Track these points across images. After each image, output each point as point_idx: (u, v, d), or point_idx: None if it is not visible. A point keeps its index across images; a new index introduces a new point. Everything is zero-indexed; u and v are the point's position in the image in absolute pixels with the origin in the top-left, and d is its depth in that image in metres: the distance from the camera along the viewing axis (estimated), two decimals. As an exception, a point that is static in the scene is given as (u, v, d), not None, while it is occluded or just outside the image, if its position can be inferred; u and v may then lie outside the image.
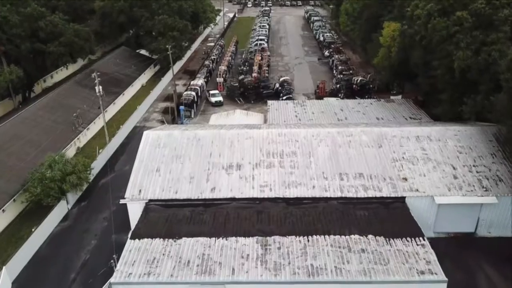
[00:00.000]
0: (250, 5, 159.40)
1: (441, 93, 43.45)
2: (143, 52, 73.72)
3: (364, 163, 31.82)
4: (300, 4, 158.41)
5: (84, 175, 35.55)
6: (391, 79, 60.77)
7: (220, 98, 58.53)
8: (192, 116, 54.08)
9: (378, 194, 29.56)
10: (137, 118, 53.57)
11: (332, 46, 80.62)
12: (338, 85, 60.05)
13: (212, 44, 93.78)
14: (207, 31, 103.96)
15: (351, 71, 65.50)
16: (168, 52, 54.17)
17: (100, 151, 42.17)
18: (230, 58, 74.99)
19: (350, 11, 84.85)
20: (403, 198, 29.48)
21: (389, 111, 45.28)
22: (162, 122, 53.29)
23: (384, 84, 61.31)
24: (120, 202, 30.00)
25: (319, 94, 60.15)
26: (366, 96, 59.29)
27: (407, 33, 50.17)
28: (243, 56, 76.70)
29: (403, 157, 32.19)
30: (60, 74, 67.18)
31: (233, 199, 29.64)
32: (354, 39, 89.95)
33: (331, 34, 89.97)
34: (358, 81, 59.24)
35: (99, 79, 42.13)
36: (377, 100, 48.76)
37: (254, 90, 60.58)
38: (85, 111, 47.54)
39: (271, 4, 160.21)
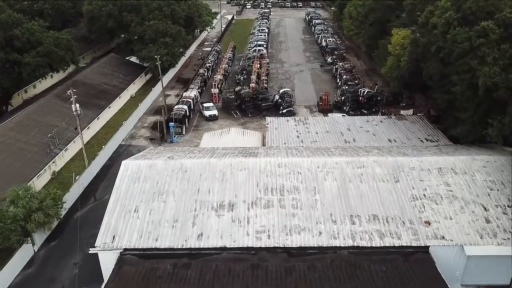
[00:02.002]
0: (249, 7, 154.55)
1: (460, 111, 38.70)
2: (133, 59, 68.84)
3: (378, 202, 27.05)
4: (301, 5, 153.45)
5: (53, 210, 30.81)
6: (401, 91, 56.09)
7: (215, 112, 53.75)
8: (183, 133, 49.32)
9: (396, 243, 24.80)
10: (123, 135, 48.77)
11: (336, 52, 75.81)
12: (343, 97, 55.28)
13: (209, 49, 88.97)
14: (204, 34, 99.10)
15: (356, 81, 60.75)
16: (157, 63, 49.30)
17: (77, 177, 37.39)
18: (226, 65, 70.21)
19: (354, 14, 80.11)
20: (427, 247, 24.72)
21: (401, 131, 40.49)
22: (151, 139, 48.50)
23: (392, 95, 56.55)
24: (90, 251, 25.21)
25: (322, 107, 55.40)
26: (374, 109, 54.77)
27: (420, 43, 45.43)
28: (241, 64, 71.93)
29: (424, 195, 27.42)
30: (44, 83, 62.43)
31: (223, 249, 24.86)
32: (358, 44, 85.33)
33: (334, 39, 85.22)
34: (365, 93, 54.53)
35: (74, 96, 37.28)
36: (387, 118, 43.96)
37: (252, 102, 55.85)
38: (63, 129, 42.76)
39: (270, 6, 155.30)
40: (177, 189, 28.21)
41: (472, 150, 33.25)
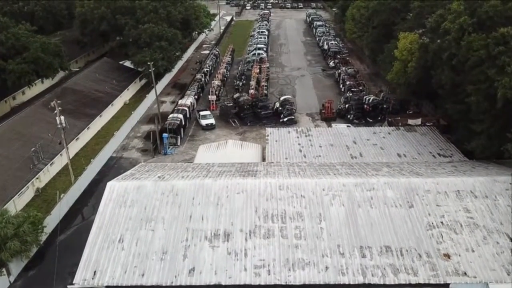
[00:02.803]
0: (249, 7, 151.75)
1: (474, 123, 35.92)
2: (128, 64, 66.02)
3: (391, 230, 24.28)
4: (301, 6, 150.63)
5: (32, 236, 28.00)
6: (407, 98, 53.32)
7: (212, 121, 50.93)
8: (178, 143, 46.49)
9: (413, 280, 22.02)
10: (114, 146, 45.93)
11: (338, 56, 72.97)
12: (346, 105, 52.45)
13: (207, 52, 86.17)
14: (202, 37, 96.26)
15: (361, 88, 57.91)
16: (150, 70, 46.51)
17: (61, 195, 34.59)
18: (225, 70, 67.40)
19: (357, 16, 77.32)
20: (447, 285, 21.96)
21: (411, 144, 37.70)
22: (144, 150, 45.69)
23: (398, 103, 53.73)
24: (68, 289, 22.45)
25: (325, 115, 52.56)
26: (379, 118, 51.97)
27: (430, 48, 42.75)
28: (240, 68, 69.09)
29: (441, 222, 24.64)
30: (34, 89, 59.57)
31: (218, 286, 22.09)
32: (361, 47, 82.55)
33: (336, 42, 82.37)
34: (370, 100, 51.73)
35: (59, 108, 34.47)
36: (395, 129, 41.14)
37: (251, 110, 53.03)
38: (49, 141, 39.91)
39: (270, 7, 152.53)
40: (167, 215, 25.45)
41: (491, 169, 30.46)
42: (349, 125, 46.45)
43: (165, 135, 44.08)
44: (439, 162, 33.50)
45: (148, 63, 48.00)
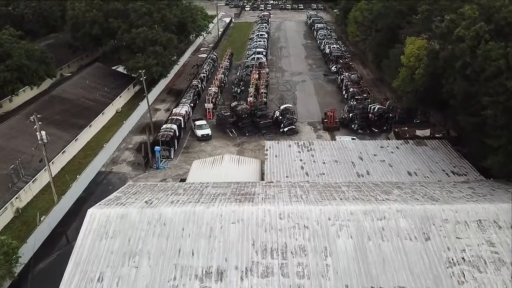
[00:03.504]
0: (248, 9, 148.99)
1: (491, 138, 33.09)
2: (121, 69, 63.22)
3: (406, 268, 21.43)
4: (302, 7, 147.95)
5: (5, 269, 25.18)
6: (415, 106, 50.50)
7: (208, 131, 48.11)
8: (172, 156, 43.69)
9: (433, 329, 19.21)
10: (104, 160, 43.14)
11: (341, 61, 70.13)
12: (350, 114, 49.63)
13: (204, 55, 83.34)
14: (200, 40, 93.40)
15: (365, 95, 55.08)
16: (142, 78, 43.68)
17: (42, 218, 31.78)
18: (222, 75, 64.59)
19: (360, 19, 74.67)
20: (472, 336, 19.14)
21: (422, 160, 34.86)
22: (134, 164, 42.85)
23: (405, 111, 50.89)
24: None
25: (328, 125, 49.79)
26: (385, 127, 49.21)
27: (440, 56, 39.95)
28: (238, 74, 66.24)
29: (463, 258, 21.80)
30: (22, 96, 56.65)
31: (209, 337, 19.28)
32: (364, 50, 79.78)
33: (338, 46, 79.51)
34: (376, 109, 48.92)
35: (39, 123, 31.64)
36: (404, 143, 38.30)
37: (250, 120, 50.25)
38: (32, 156, 37.09)
39: (270, 8, 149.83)
40: (154, 249, 22.59)
41: (513, 191, 27.59)
42: (354, 137, 43.64)
43: (157, 148, 41.28)
44: (454, 182, 30.63)
45: (140, 71, 45.05)
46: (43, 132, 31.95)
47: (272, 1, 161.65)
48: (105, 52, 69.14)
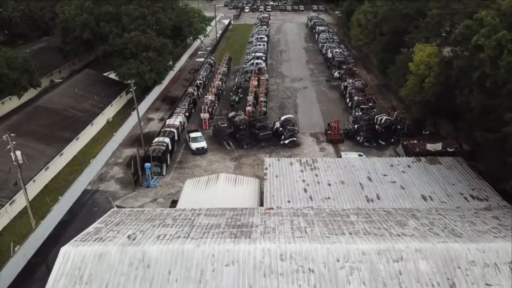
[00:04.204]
0: (247, 10, 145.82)
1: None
2: (113, 75, 60.07)
3: (429, 323, 18.33)
4: (302, 9, 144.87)
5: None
6: (424, 117, 47.40)
7: (203, 144, 44.97)
8: (164, 173, 40.52)
9: None
10: (90, 176, 39.96)
11: (344, 66, 66.96)
12: (356, 126, 46.48)
13: (202, 59, 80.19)
14: (197, 43, 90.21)
15: (370, 104, 51.89)
16: (131, 89, 40.57)
17: (17, 248, 28.63)
18: (220, 82, 61.43)
19: (363, 22, 71.52)
20: None
21: (437, 181, 31.73)
22: (124, 181, 39.66)
23: (413, 121, 47.73)
24: None
25: (332, 138, 46.66)
26: (392, 140, 46.09)
27: (455, 65, 36.85)
28: (236, 80, 63.11)
29: (495, 311, 18.71)
30: (8, 104, 53.51)
31: None
32: (367, 54, 76.75)
33: (340, 50, 76.29)
34: (383, 121, 45.75)
35: (13, 143, 28.48)
36: (416, 160, 35.15)
37: (248, 131, 47.13)
38: (9, 172, 33.92)
39: (270, 9, 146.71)
40: (135, 298, 19.49)
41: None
42: (361, 154, 40.46)
43: (147, 165, 38.10)
44: (475, 210, 27.47)
45: (130, 81, 41.90)
46: (18, 152, 28.79)
47: (272, 2, 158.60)
48: (96, 57, 65.98)
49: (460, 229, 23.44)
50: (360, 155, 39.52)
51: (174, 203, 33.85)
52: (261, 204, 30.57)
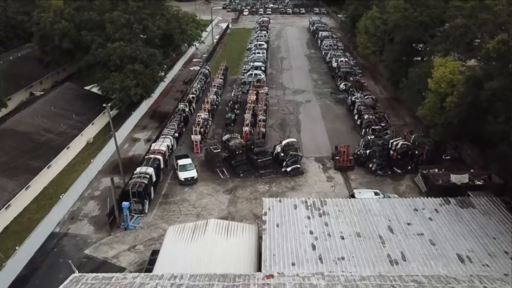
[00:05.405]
0: (247, 13, 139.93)
1: None
2: (95, 89, 54.32)
3: None
4: (303, 12, 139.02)
5: None
6: (445, 140, 41.77)
7: (193, 173, 39.23)
8: (146, 210, 34.79)
9: None
10: (60, 215, 34.22)
11: (351, 78, 61.22)
12: (367, 151, 40.79)
13: (197, 68, 74.50)
14: (192, 49, 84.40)
15: (383, 124, 46.15)
16: (108, 114, 34.87)
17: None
18: (214, 96, 55.72)
19: (371, 29, 65.89)
20: None
21: (473, 233, 26.01)
22: (99, 221, 33.88)
23: (432, 144, 42.03)
24: None
25: (341, 164, 40.99)
26: (409, 167, 40.48)
27: (488, 86, 31.18)
28: (233, 94, 57.34)
29: None
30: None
31: None
32: (375, 64, 71.11)
33: (346, 59, 70.54)
34: (399, 146, 40.06)
35: None
36: (444, 202, 29.34)
37: (245, 156, 41.51)
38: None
39: (270, 12, 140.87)
40: None
41: None
42: (377, 191, 34.63)
43: (125, 204, 32.32)
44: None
45: (104, 105, 36.12)
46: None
47: (272, 5, 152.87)
48: (79, 69, 60.30)
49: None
50: (376, 194, 33.75)
51: (154, 255, 28.15)
52: (259, 265, 24.82)
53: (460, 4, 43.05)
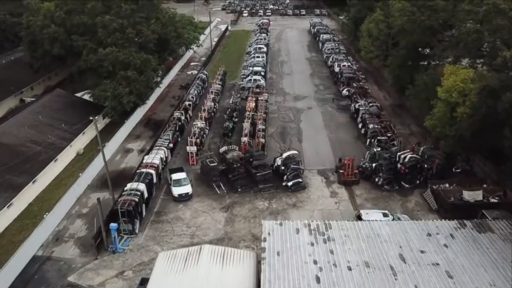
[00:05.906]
0: (246, 14, 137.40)
1: None
2: (87, 96, 51.92)
3: None
4: (304, 13, 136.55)
5: None
6: (456, 152, 39.40)
7: (187, 189, 36.84)
8: (137, 231, 32.36)
9: None
10: (44, 236, 31.79)
11: (354, 84, 58.82)
12: (373, 164, 38.39)
13: (195, 72, 72.13)
14: (190, 53, 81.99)
15: (389, 134, 43.75)
16: (96, 130, 32.52)
17: None
18: (212, 103, 53.29)
19: (375, 33, 63.49)
20: None
21: (493, 263, 23.53)
22: (86, 243, 31.45)
23: (442, 156, 39.63)
24: None
25: (345, 179, 38.58)
26: (418, 181, 38.11)
27: (506, 98, 28.85)
28: (231, 101, 54.91)
29: None
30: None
31: None
32: (379, 68, 68.68)
33: (349, 64, 68.14)
34: (406, 159, 37.66)
35: None
36: (460, 226, 26.88)
37: (244, 169, 39.10)
38: None
39: (270, 13, 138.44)
40: None
41: None
42: (386, 212, 32.19)
43: (113, 226, 29.89)
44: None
45: (92, 117, 33.76)
46: None
47: (272, 6, 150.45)
48: (70, 75, 57.90)
49: None
50: (385, 215, 31.30)
51: (143, 284, 25.78)
52: (258, 299, 22.42)
53: (472, 8, 40.53)
